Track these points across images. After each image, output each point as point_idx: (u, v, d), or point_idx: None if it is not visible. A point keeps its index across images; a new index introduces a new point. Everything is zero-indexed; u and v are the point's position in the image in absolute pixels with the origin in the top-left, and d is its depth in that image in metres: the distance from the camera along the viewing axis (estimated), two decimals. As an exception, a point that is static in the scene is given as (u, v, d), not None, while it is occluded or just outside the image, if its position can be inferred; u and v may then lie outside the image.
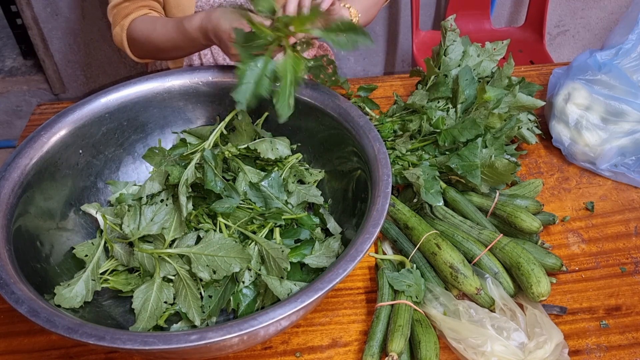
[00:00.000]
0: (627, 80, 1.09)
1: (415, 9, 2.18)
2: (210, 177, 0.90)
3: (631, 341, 0.89)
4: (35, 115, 1.34)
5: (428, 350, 0.83)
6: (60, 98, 2.45)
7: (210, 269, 0.85)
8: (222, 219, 0.91)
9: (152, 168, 1.07)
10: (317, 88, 1.02)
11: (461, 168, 1.01)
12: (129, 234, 0.89)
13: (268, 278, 0.84)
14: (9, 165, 0.88)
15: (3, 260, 0.76)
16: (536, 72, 1.44)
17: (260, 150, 0.98)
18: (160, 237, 0.90)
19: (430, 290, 0.92)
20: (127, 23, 1.18)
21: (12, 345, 0.90)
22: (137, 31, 1.16)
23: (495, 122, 1.05)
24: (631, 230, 1.07)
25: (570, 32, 2.58)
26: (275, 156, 0.99)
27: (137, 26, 1.16)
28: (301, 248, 0.90)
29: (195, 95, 1.09)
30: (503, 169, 0.99)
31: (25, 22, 2.17)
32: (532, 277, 0.89)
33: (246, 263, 0.85)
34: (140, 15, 1.19)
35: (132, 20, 1.18)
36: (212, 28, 0.99)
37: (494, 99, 1.07)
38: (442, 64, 1.16)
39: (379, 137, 0.92)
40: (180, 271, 0.87)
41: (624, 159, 1.14)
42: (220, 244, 0.86)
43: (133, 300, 0.85)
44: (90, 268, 0.88)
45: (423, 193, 1.02)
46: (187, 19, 1.07)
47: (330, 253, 0.90)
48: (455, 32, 1.16)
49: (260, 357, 0.88)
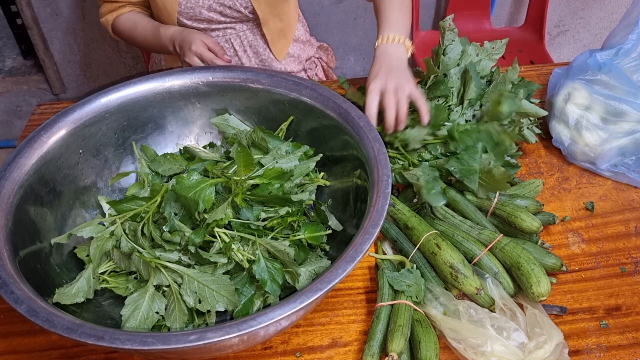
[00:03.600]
0: (627, 80, 1.09)
1: (415, 9, 2.18)
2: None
3: (631, 341, 0.89)
4: (35, 115, 1.34)
5: (428, 350, 0.83)
6: (60, 98, 2.45)
7: (197, 296, 0.83)
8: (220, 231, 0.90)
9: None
10: (317, 88, 1.02)
11: (459, 172, 1.02)
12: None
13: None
14: (9, 165, 0.88)
15: (3, 260, 0.76)
16: (536, 72, 1.44)
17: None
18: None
19: (430, 290, 0.92)
20: (112, 20, 1.32)
21: (12, 345, 0.90)
22: (119, 28, 1.32)
23: (505, 139, 1.06)
24: (631, 230, 1.07)
25: (570, 32, 2.58)
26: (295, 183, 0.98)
27: (120, 24, 1.32)
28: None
29: (195, 95, 1.09)
30: (499, 176, 0.99)
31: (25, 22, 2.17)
32: (532, 277, 0.89)
33: (232, 307, 0.83)
34: (124, 13, 1.31)
35: (115, 18, 1.32)
36: (179, 41, 1.19)
37: (509, 112, 1.08)
38: (441, 64, 1.16)
39: (379, 137, 0.92)
40: (173, 285, 0.85)
41: (624, 159, 1.14)
42: (216, 277, 0.84)
43: (124, 307, 0.84)
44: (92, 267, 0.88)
45: (424, 193, 1.02)
46: (164, 27, 1.25)
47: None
48: (453, 32, 1.16)
49: (260, 357, 0.88)
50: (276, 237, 0.90)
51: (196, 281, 0.84)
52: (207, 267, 0.87)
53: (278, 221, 0.92)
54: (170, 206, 0.90)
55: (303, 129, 1.06)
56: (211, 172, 0.95)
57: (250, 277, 0.88)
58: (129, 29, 1.30)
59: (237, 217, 0.90)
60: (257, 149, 1.03)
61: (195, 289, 0.84)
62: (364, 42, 2.45)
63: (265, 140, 1.01)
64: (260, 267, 0.85)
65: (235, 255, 0.87)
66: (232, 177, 0.92)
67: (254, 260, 0.86)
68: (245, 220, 0.90)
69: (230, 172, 0.95)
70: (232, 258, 0.87)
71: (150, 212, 0.90)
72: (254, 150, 1.02)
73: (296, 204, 0.93)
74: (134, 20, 1.30)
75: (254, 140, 1.02)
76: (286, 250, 0.85)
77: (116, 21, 1.32)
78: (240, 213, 0.91)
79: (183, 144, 1.12)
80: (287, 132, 1.08)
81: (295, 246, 0.89)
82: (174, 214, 0.89)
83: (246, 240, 0.89)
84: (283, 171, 0.94)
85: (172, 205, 0.90)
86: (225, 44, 1.38)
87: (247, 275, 0.88)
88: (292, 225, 0.94)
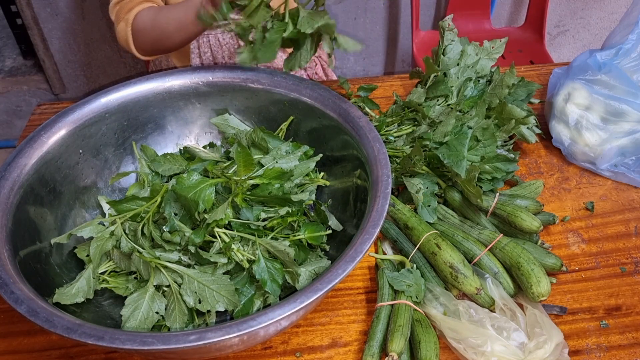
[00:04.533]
0: (627, 80, 1.09)
1: (415, 9, 2.18)
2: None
3: (631, 341, 0.89)
4: (35, 115, 1.34)
5: (428, 350, 0.83)
6: (60, 98, 2.45)
7: (197, 296, 0.83)
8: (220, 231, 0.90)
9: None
10: (317, 88, 1.02)
11: (447, 157, 1.01)
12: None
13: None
14: (9, 165, 0.88)
15: (3, 260, 0.76)
16: (536, 72, 1.44)
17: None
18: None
19: (430, 290, 0.92)
20: (132, 16, 1.17)
21: (12, 345, 0.90)
22: (141, 22, 1.17)
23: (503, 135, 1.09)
24: (631, 230, 1.07)
25: (570, 32, 2.58)
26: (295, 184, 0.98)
27: (142, 17, 1.17)
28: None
29: (195, 95, 1.09)
30: (474, 189, 0.98)
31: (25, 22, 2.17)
32: (532, 277, 0.89)
33: (232, 307, 0.83)
34: (144, 8, 1.18)
35: (136, 13, 1.17)
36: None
37: (518, 117, 1.08)
38: (441, 63, 1.16)
39: (379, 137, 0.92)
40: (173, 285, 0.85)
41: (624, 159, 1.14)
42: (216, 277, 0.84)
43: (124, 307, 0.84)
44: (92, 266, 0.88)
45: (419, 207, 1.02)
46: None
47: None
48: (453, 32, 1.16)
49: (260, 357, 0.88)
50: (276, 237, 0.90)
51: (196, 281, 0.84)
52: (207, 267, 0.87)
53: (278, 221, 0.92)
54: (170, 206, 0.90)
55: (303, 129, 1.06)
56: (211, 172, 0.95)
57: (250, 277, 0.88)
58: (152, 18, 1.16)
59: (237, 217, 0.90)
60: (257, 149, 1.03)
61: (195, 289, 0.84)
62: (364, 42, 2.45)
63: (265, 140, 1.01)
64: (260, 267, 0.85)
65: (235, 255, 0.87)
66: (231, 177, 0.92)
67: (254, 260, 0.86)
68: (245, 221, 0.90)
69: (230, 172, 0.95)
70: (232, 258, 0.87)
71: (150, 212, 0.90)
72: (253, 150, 1.02)
73: (296, 204, 0.93)
74: (155, 9, 1.18)
75: (254, 140, 1.02)
76: (286, 250, 0.85)
77: (137, 17, 1.17)
78: (240, 213, 0.91)
79: (183, 144, 1.12)
80: (287, 132, 1.08)
81: (295, 246, 0.89)
82: (174, 214, 0.89)
83: (246, 240, 0.89)
84: (283, 171, 0.94)
85: (172, 205, 0.90)
86: (230, 40, 1.37)
87: (247, 275, 0.88)
88: (292, 225, 0.94)
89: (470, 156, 1.02)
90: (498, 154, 1.05)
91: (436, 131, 1.06)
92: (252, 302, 0.87)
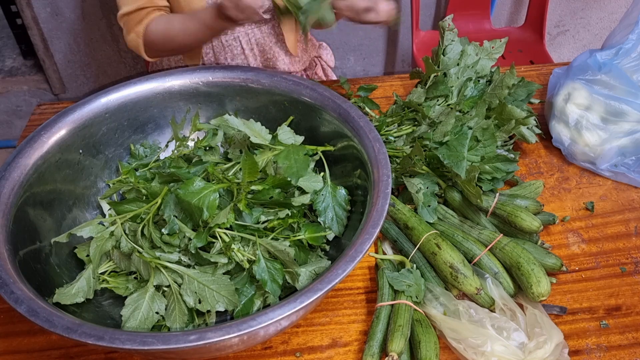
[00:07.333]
0: (627, 80, 1.09)
1: (415, 9, 2.18)
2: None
3: (631, 341, 0.89)
4: (35, 115, 1.34)
5: (428, 350, 0.83)
6: (60, 98, 2.45)
7: (197, 296, 0.83)
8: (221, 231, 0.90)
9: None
10: (317, 88, 1.02)
11: (447, 157, 1.01)
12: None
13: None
14: (9, 165, 0.88)
15: (3, 260, 0.76)
16: (536, 72, 1.44)
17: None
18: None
19: (430, 290, 0.92)
20: (142, 29, 1.19)
21: (12, 345, 0.90)
22: (153, 34, 1.19)
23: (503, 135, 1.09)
24: (631, 230, 1.07)
25: (570, 32, 2.58)
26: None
27: (153, 30, 1.18)
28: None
29: (195, 95, 1.09)
30: (473, 190, 0.98)
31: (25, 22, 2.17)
32: (532, 277, 0.89)
33: (232, 307, 0.83)
34: (153, 19, 1.19)
35: (146, 26, 1.19)
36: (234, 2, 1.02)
37: (518, 117, 1.08)
38: (441, 63, 1.16)
39: (379, 137, 0.92)
40: (173, 285, 0.85)
41: (624, 159, 1.14)
42: (216, 278, 0.84)
43: (124, 307, 0.84)
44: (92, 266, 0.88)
45: (419, 207, 1.02)
46: (203, 9, 1.14)
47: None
48: (453, 32, 1.16)
49: (260, 357, 0.88)
50: (276, 238, 0.90)
51: (196, 281, 0.84)
52: (207, 267, 0.87)
53: (278, 222, 0.92)
54: (170, 209, 0.90)
55: (303, 129, 1.06)
56: (212, 175, 0.95)
57: (251, 277, 0.88)
58: (165, 31, 1.18)
59: (238, 220, 0.90)
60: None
61: (195, 289, 0.84)
62: (364, 42, 2.45)
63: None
64: (261, 267, 0.85)
65: (236, 255, 0.87)
66: (233, 181, 0.92)
67: (254, 261, 0.86)
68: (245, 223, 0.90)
69: (230, 173, 0.95)
70: (232, 258, 0.87)
71: (151, 213, 0.90)
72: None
73: (297, 208, 0.93)
74: (166, 20, 1.20)
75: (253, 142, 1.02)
76: (286, 251, 0.85)
77: (148, 29, 1.19)
78: (242, 216, 0.91)
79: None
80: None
81: (295, 246, 0.89)
82: (173, 216, 0.89)
83: (246, 241, 0.89)
84: (288, 181, 0.94)
85: (171, 207, 0.90)
86: (233, 42, 1.37)
87: (247, 275, 0.88)
88: (292, 225, 0.94)
89: (470, 156, 1.02)
90: (498, 154, 1.05)
91: (436, 131, 1.06)
92: (252, 302, 0.87)
